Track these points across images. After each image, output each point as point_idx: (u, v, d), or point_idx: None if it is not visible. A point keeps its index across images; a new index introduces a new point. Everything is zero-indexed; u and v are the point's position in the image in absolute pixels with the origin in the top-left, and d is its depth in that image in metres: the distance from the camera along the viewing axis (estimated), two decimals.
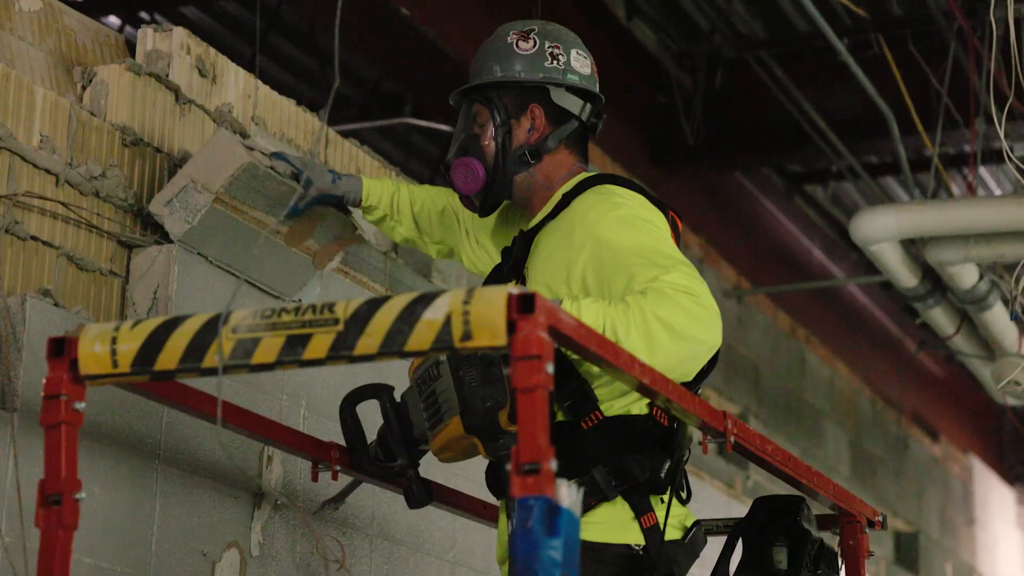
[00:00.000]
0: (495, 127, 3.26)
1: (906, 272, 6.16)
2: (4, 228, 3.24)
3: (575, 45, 3.33)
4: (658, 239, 2.99)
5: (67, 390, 2.50)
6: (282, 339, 2.39)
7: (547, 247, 3.12)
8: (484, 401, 2.83)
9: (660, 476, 2.96)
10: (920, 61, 6.73)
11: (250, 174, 3.55)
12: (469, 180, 3.26)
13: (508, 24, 3.38)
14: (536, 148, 3.25)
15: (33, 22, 3.76)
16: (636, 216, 3.03)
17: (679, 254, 3.00)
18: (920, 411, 12.13)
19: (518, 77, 3.26)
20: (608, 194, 3.10)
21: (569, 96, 3.28)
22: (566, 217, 3.11)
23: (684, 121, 7.67)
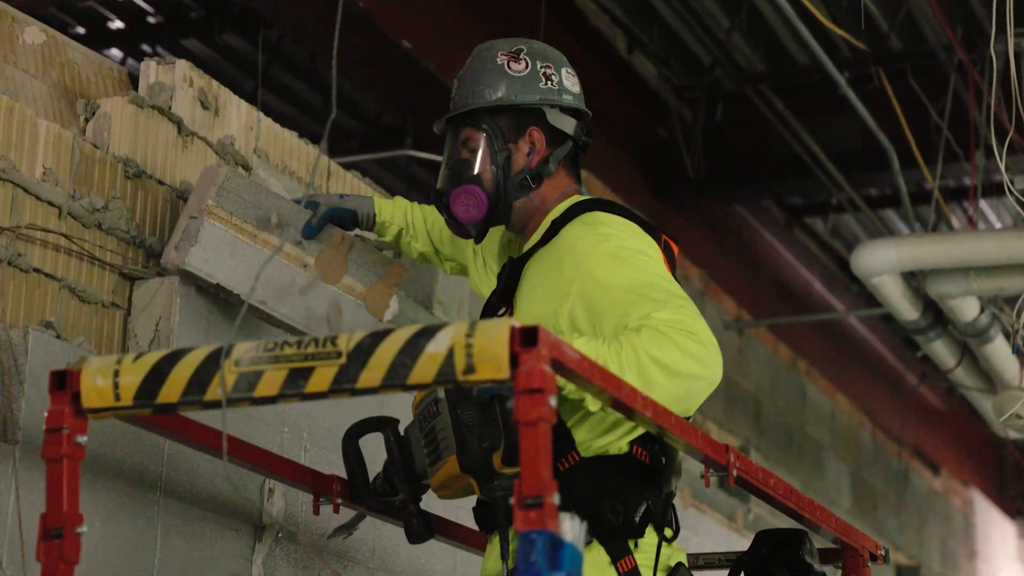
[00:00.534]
0: (494, 152, 3.19)
1: (907, 305, 6.16)
2: (7, 260, 3.24)
3: (563, 63, 3.29)
4: (650, 271, 2.94)
5: (69, 423, 2.49)
6: (284, 372, 2.39)
7: (536, 276, 3.08)
8: (481, 441, 2.81)
9: (635, 520, 2.93)
10: (920, 94, 6.75)
11: (237, 183, 3.52)
12: (472, 208, 3.19)
13: (490, 44, 3.29)
14: (538, 172, 3.20)
15: (37, 55, 3.77)
16: (625, 248, 2.98)
17: (673, 284, 2.95)
18: (921, 444, 12.11)
19: (515, 100, 3.19)
20: (596, 224, 3.04)
21: (563, 116, 3.22)
22: (555, 247, 3.06)
23: (684, 153, 7.68)
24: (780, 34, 7.73)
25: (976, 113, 6.55)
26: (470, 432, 2.82)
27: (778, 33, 7.72)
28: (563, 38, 7.03)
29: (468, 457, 2.83)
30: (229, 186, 3.52)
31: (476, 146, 3.20)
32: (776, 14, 7.47)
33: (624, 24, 7.62)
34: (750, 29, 7.57)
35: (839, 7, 7.10)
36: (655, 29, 7.72)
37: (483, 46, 3.29)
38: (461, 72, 3.28)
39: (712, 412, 8.25)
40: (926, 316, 6.31)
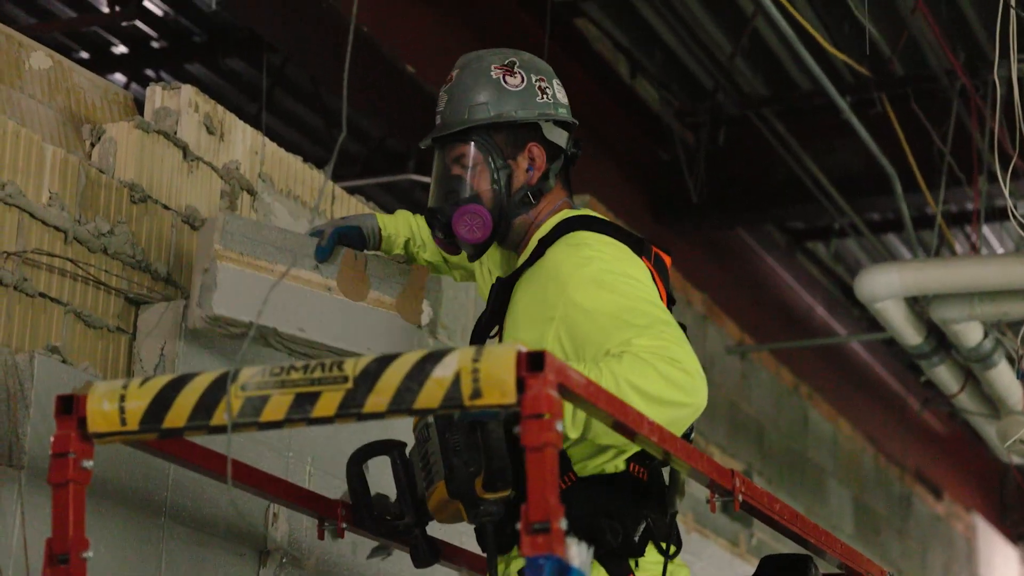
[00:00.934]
0: (495, 170, 3.13)
1: (910, 330, 6.16)
2: (13, 285, 3.25)
3: (553, 74, 3.24)
4: (632, 294, 2.90)
5: (75, 448, 2.50)
6: (291, 397, 2.40)
7: (523, 299, 3.05)
8: (468, 466, 2.79)
9: (634, 539, 2.92)
10: (923, 119, 6.76)
11: (235, 225, 3.49)
12: (476, 229, 3.13)
13: (478, 56, 3.23)
14: (538, 188, 3.16)
15: (43, 80, 3.78)
16: (608, 271, 2.93)
17: (657, 307, 2.91)
18: (923, 469, 12.09)
19: (514, 116, 3.14)
20: (580, 246, 3.00)
21: (557, 130, 3.18)
22: (541, 268, 3.03)
23: (687, 177, 7.69)
24: (782, 58, 7.75)
25: (979, 138, 6.56)
26: (457, 457, 2.81)
27: (780, 57, 7.74)
28: (566, 63, 7.05)
29: (454, 482, 2.82)
30: (231, 228, 3.48)
31: (472, 163, 3.15)
32: (778, 39, 7.48)
33: (626, 48, 7.64)
34: (752, 53, 7.59)
35: (840, 32, 7.12)
36: (657, 53, 7.73)
37: (470, 57, 3.23)
38: (449, 85, 3.21)
39: (715, 436, 8.24)
40: (929, 341, 6.31)
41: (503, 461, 2.76)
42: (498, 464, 2.76)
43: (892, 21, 6.71)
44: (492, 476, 2.76)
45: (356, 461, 3.24)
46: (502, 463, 2.76)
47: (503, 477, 2.76)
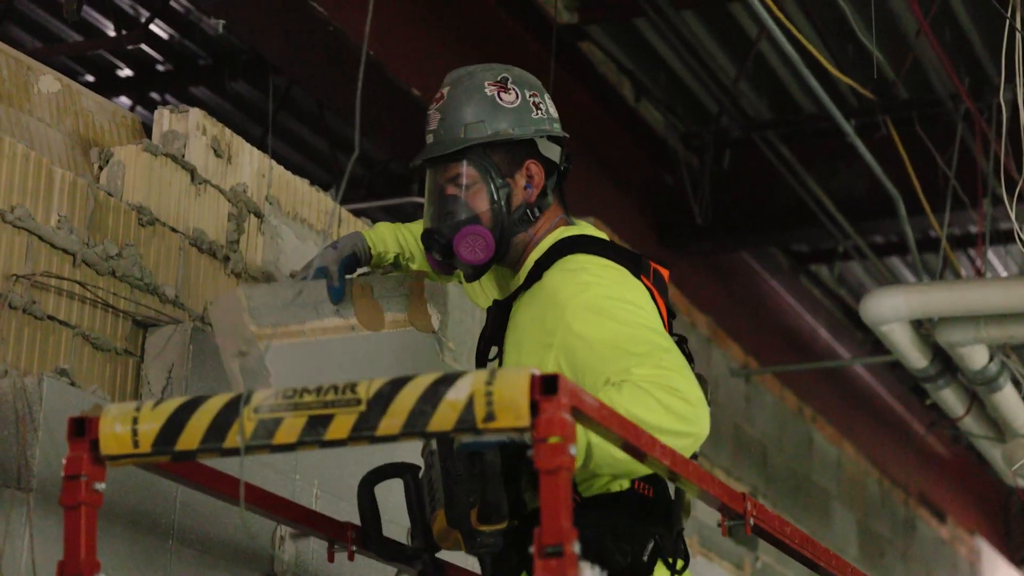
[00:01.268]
0: (494, 189, 3.08)
1: (916, 353, 6.16)
2: (22, 308, 3.25)
3: (544, 89, 3.20)
4: (631, 321, 2.86)
5: (87, 470, 2.49)
6: (304, 419, 2.39)
7: (522, 323, 3.02)
8: (467, 495, 2.77)
9: (643, 559, 2.90)
10: (927, 143, 6.77)
11: (260, 295, 3.35)
12: (479, 250, 3.08)
13: (469, 72, 3.16)
14: (537, 205, 3.12)
15: (52, 104, 3.79)
16: (606, 297, 2.90)
17: (657, 333, 2.87)
18: (927, 492, 12.07)
19: (511, 134, 3.09)
20: (577, 271, 2.96)
21: (551, 145, 3.13)
22: (539, 293, 2.99)
23: (692, 200, 7.69)
24: (786, 82, 7.77)
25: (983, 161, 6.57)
26: (458, 486, 2.78)
27: (784, 81, 7.76)
28: (570, 86, 7.07)
29: (453, 511, 2.80)
30: (256, 303, 3.34)
31: (470, 182, 3.10)
32: (782, 62, 7.51)
33: (630, 71, 7.66)
34: (756, 77, 7.61)
35: (844, 55, 7.13)
36: (661, 76, 7.75)
37: (460, 74, 3.16)
38: (441, 103, 3.14)
39: (720, 459, 8.23)
40: (935, 364, 6.30)
41: (499, 494, 2.74)
42: (494, 496, 2.74)
43: (896, 45, 6.72)
44: (487, 508, 2.74)
45: (368, 483, 3.22)
46: (497, 496, 2.74)
47: (498, 510, 2.74)
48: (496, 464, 2.73)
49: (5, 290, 3.21)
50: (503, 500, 2.74)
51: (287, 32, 5.57)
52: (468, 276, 3.20)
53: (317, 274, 3.36)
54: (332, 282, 3.34)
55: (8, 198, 3.27)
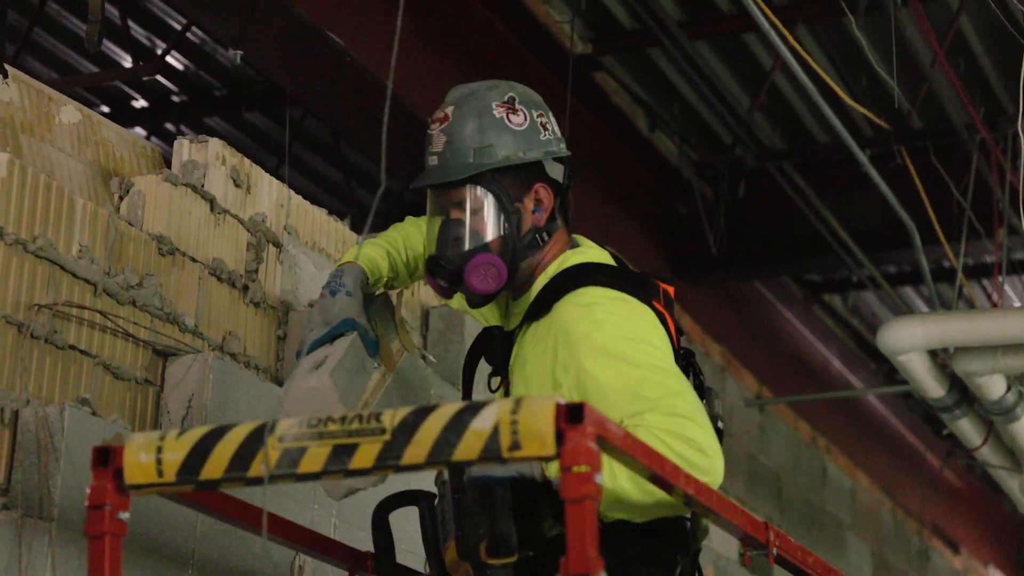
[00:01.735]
0: (505, 215, 2.98)
1: (933, 382, 6.14)
2: (44, 338, 3.26)
3: (547, 107, 3.09)
4: (644, 362, 2.80)
5: (111, 500, 2.48)
6: (328, 448, 2.39)
7: (531, 356, 2.95)
8: (477, 527, 2.75)
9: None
10: (942, 172, 6.77)
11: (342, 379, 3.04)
12: (491, 279, 2.98)
13: (473, 92, 3.05)
14: (547, 230, 3.02)
15: (72, 134, 3.81)
16: (619, 337, 2.84)
17: (669, 376, 2.81)
18: (940, 523, 12.03)
19: (522, 158, 2.98)
20: (590, 306, 2.89)
21: (556, 165, 3.03)
22: (550, 326, 2.92)
23: (707, 230, 7.69)
24: (800, 112, 7.78)
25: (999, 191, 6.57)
26: (468, 518, 2.76)
27: (798, 111, 7.77)
28: (585, 116, 7.08)
29: (463, 543, 2.77)
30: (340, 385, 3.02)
31: (477, 207, 2.99)
32: (796, 92, 7.52)
33: (644, 102, 7.67)
34: (769, 107, 7.62)
35: (858, 85, 7.14)
36: (675, 106, 7.76)
37: (465, 92, 3.06)
38: (446, 125, 3.02)
39: (734, 489, 8.21)
40: (952, 394, 6.28)
41: (508, 527, 2.73)
42: (503, 530, 2.73)
43: (911, 75, 6.73)
44: (496, 541, 2.72)
45: (383, 510, 3.19)
46: (507, 529, 2.73)
47: (507, 543, 2.73)
48: (506, 498, 2.72)
49: (27, 320, 3.22)
50: (512, 533, 2.73)
51: (304, 63, 5.59)
52: (474, 303, 3.09)
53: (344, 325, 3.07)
54: (370, 335, 3.11)
55: (30, 228, 3.28)
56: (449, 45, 6.30)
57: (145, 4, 7.29)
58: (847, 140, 5.56)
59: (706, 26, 6.86)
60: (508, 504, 2.73)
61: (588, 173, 7.08)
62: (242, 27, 5.08)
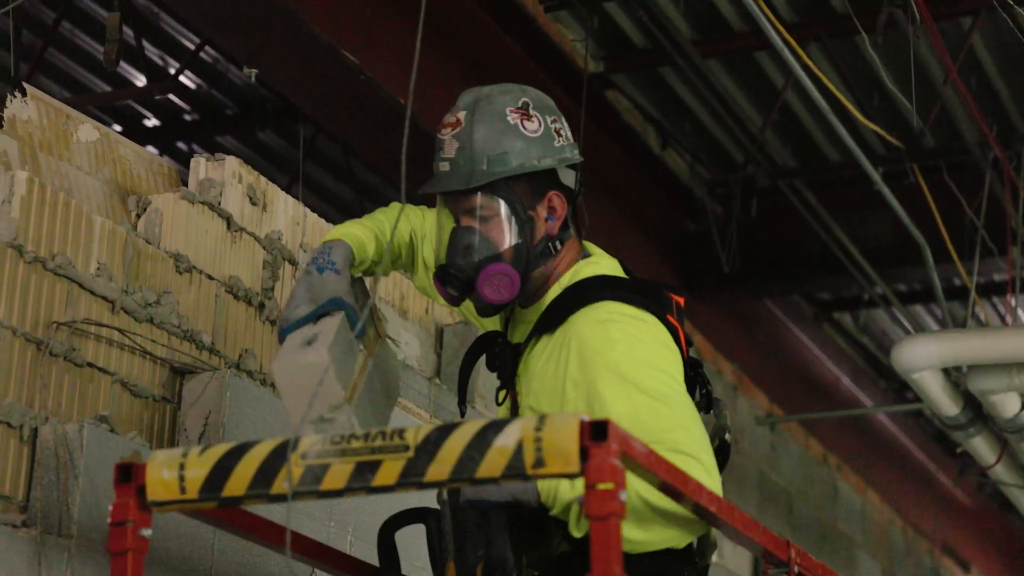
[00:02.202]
0: (520, 223, 2.91)
1: (947, 401, 6.13)
2: (63, 355, 3.26)
3: (559, 111, 3.01)
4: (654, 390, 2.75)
5: (134, 516, 2.48)
6: (351, 465, 2.39)
7: (543, 367, 2.89)
8: (476, 549, 2.74)
9: None
10: (955, 190, 6.77)
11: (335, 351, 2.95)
12: (504, 289, 2.90)
13: (487, 96, 2.96)
14: (560, 238, 2.95)
15: (90, 152, 3.81)
16: (632, 359, 2.78)
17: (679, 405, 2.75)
18: (951, 541, 12.01)
19: (537, 166, 2.90)
20: (606, 323, 2.83)
21: (568, 172, 2.95)
22: (563, 340, 2.86)
23: (719, 248, 7.69)
24: (811, 131, 7.79)
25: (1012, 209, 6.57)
26: (467, 540, 2.75)
27: (809, 129, 7.78)
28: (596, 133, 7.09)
29: (462, 565, 2.75)
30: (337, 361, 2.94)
31: (489, 215, 2.91)
32: (807, 110, 7.53)
33: (656, 120, 7.69)
34: (780, 125, 7.63)
35: (870, 104, 7.15)
36: (687, 125, 7.78)
37: (477, 96, 2.97)
38: (458, 130, 2.93)
39: (746, 507, 8.20)
40: (966, 412, 6.27)
41: (504, 551, 2.72)
42: (498, 554, 2.72)
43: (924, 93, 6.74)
44: (491, 565, 2.71)
45: (388, 528, 3.16)
46: (503, 553, 2.72)
47: (503, 567, 2.71)
48: (501, 521, 2.72)
49: (46, 337, 3.22)
50: (509, 557, 2.72)
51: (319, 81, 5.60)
52: (484, 312, 3.01)
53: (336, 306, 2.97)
54: (357, 316, 3.01)
55: (49, 246, 3.29)
56: (463, 65, 6.31)
57: (158, 24, 7.32)
58: (860, 158, 5.57)
59: (718, 44, 6.88)
60: (504, 527, 2.72)
61: (599, 191, 7.08)
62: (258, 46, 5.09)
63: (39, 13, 7.09)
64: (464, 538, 2.77)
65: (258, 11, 5.09)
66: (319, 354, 2.88)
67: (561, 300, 2.92)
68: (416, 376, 4.52)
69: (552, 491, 2.76)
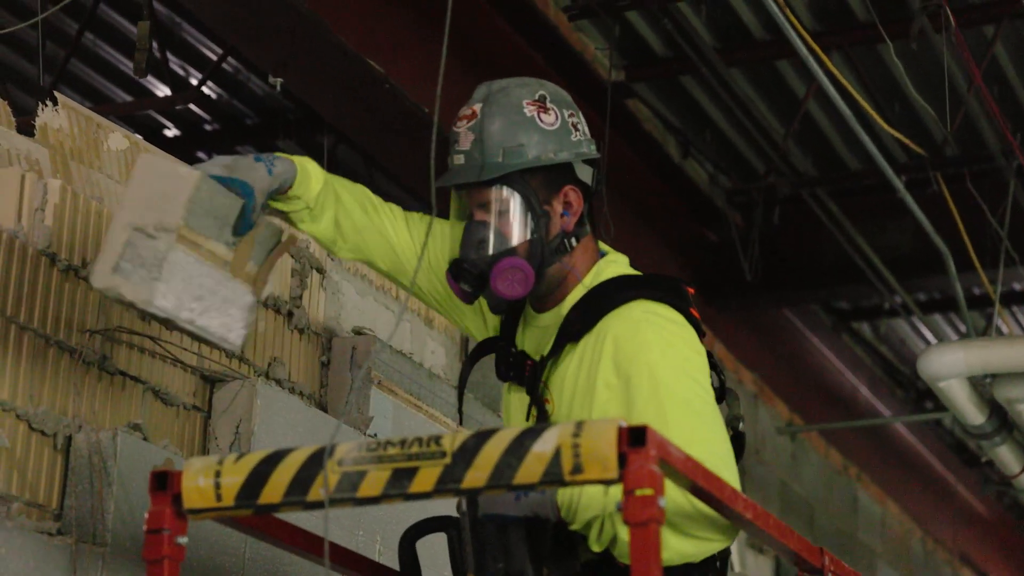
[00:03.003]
0: (534, 218, 2.86)
1: (973, 409, 6.11)
2: (96, 364, 3.27)
3: (577, 107, 2.97)
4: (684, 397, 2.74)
5: (170, 524, 2.49)
6: (388, 472, 2.39)
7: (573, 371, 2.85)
8: (495, 562, 2.73)
9: None
10: (978, 199, 6.76)
11: (206, 193, 2.81)
12: (517, 284, 2.85)
13: (504, 89, 2.92)
14: (575, 234, 2.90)
15: (120, 160, 3.82)
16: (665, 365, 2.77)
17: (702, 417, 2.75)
18: (969, 552, 11.98)
19: (553, 159, 2.86)
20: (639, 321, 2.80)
21: (585, 167, 2.91)
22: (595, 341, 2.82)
23: (742, 258, 7.68)
24: (830, 139, 7.79)
25: None
26: (487, 553, 2.74)
27: (829, 138, 7.78)
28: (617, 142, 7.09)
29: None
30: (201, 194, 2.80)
31: (504, 209, 2.86)
32: (828, 119, 7.52)
33: (676, 129, 7.69)
34: (800, 134, 7.63)
35: (892, 112, 7.15)
36: (707, 134, 7.78)
37: (494, 89, 2.93)
38: (473, 122, 2.89)
39: None
40: (992, 421, 6.26)
41: (523, 564, 2.72)
42: (517, 567, 2.72)
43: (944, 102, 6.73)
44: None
45: (409, 538, 3.14)
46: (522, 567, 2.72)
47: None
48: (520, 535, 2.72)
49: (79, 345, 3.23)
50: (528, 569, 2.72)
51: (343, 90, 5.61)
52: (496, 309, 2.95)
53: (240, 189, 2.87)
54: (252, 212, 2.88)
55: (81, 253, 3.30)
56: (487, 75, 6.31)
57: (180, 34, 7.34)
58: (883, 167, 5.57)
59: (739, 53, 6.88)
60: (523, 541, 2.72)
61: (619, 199, 7.08)
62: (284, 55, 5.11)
63: (63, 24, 7.11)
64: (483, 551, 2.76)
65: (285, 21, 5.10)
66: (191, 172, 2.76)
67: (588, 302, 2.88)
68: (442, 385, 4.52)
69: (572, 505, 2.76)
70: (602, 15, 6.37)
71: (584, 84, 6.74)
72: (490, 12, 6.23)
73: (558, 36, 6.68)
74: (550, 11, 6.62)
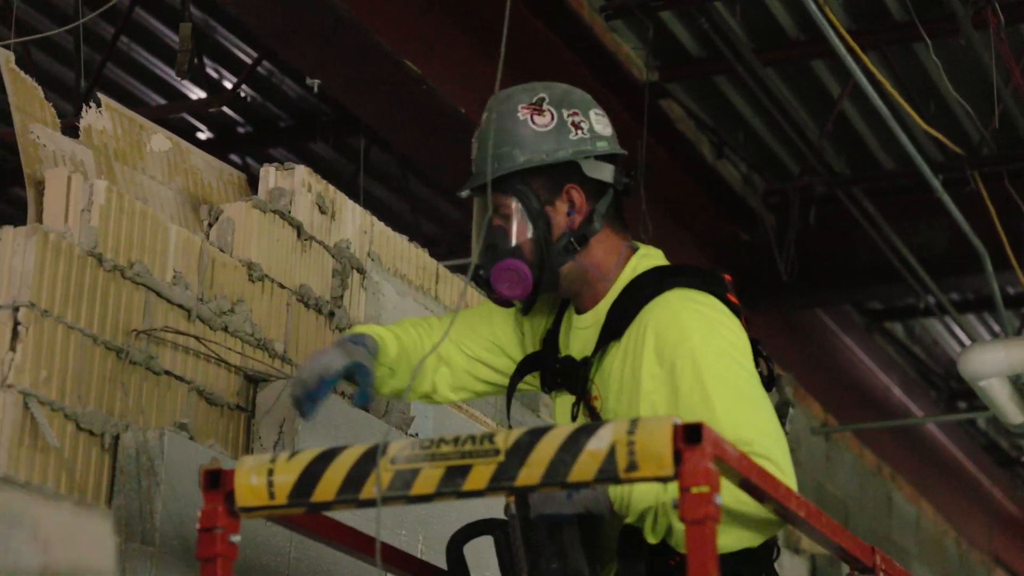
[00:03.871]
0: (533, 219, 2.92)
1: (1014, 408, 6.09)
2: (143, 363, 3.28)
3: (590, 105, 3.00)
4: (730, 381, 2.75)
5: (223, 522, 2.50)
6: (441, 470, 2.39)
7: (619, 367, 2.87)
8: (549, 562, 2.74)
9: None
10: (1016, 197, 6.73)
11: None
12: (516, 285, 2.92)
13: (507, 95, 2.99)
14: (582, 233, 2.93)
15: (163, 162, 3.84)
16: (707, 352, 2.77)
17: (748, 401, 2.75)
18: (1004, 553, 11.92)
19: (546, 159, 2.90)
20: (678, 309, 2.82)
21: (599, 165, 2.93)
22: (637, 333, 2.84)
23: (778, 258, 7.66)
24: (865, 138, 7.76)
25: None
26: (541, 556, 2.74)
27: (863, 137, 7.75)
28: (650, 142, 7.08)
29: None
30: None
31: (508, 213, 2.93)
32: (863, 118, 7.50)
33: (711, 129, 7.67)
34: (835, 133, 7.61)
35: (927, 111, 7.12)
36: (741, 134, 7.76)
37: (498, 97, 3.00)
38: (480, 130, 2.98)
39: None
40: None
41: (580, 563, 2.72)
42: (574, 567, 2.72)
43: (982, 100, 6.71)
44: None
45: (458, 541, 3.13)
46: (579, 566, 2.72)
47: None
48: (574, 534, 2.71)
49: (126, 345, 3.24)
50: (584, 568, 2.72)
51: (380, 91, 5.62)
52: (519, 310, 3.06)
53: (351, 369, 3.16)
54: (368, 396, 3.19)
55: (127, 254, 3.31)
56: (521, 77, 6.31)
57: (214, 37, 7.36)
58: (922, 166, 5.55)
59: (774, 52, 6.86)
60: (577, 540, 2.72)
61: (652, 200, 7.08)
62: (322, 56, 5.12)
63: (98, 28, 7.14)
64: (538, 553, 2.76)
65: (323, 22, 5.12)
66: None
67: (626, 296, 2.91)
68: None
69: (625, 499, 2.76)
70: (638, 15, 6.36)
71: (618, 84, 6.74)
72: (525, 13, 6.23)
73: (593, 37, 6.67)
74: (584, 11, 6.62)
